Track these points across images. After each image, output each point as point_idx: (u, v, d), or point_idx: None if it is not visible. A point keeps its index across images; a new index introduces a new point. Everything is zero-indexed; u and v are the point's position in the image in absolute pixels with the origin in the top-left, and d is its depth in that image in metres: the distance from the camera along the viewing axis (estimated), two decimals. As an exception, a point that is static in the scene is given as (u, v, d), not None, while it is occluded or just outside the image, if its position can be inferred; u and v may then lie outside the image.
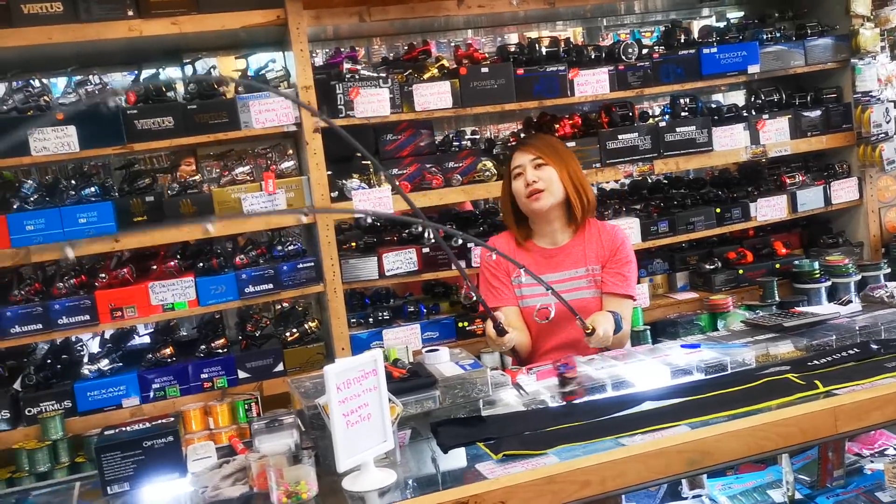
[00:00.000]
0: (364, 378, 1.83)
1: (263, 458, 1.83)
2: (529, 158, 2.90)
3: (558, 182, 2.88)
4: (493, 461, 1.83)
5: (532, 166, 2.89)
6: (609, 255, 2.91)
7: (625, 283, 2.88)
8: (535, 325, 2.88)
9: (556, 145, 3.00)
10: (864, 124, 4.25)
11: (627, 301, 2.89)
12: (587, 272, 2.91)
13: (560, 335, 2.86)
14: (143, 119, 3.35)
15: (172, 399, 3.46)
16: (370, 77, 3.69)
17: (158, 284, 3.40)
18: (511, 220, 3.02)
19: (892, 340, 2.24)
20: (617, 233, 2.98)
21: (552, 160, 2.89)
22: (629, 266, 2.92)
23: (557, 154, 2.93)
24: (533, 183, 2.86)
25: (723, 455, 1.78)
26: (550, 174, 2.87)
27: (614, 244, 2.93)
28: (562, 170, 2.89)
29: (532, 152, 2.91)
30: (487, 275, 3.01)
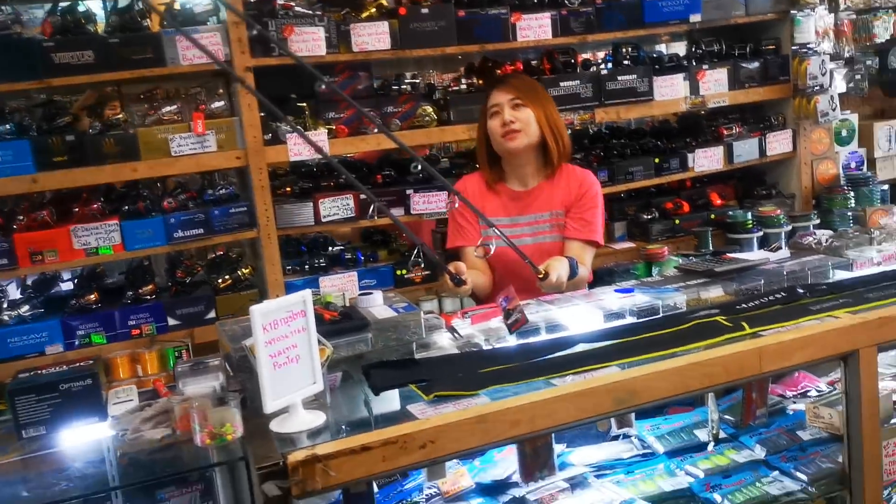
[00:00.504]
0: (292, 319, 1.78)
1: (187, 400, 1.77)
2: (508, 98, 2.83)
3: (535, 124, 2.83)
4: (425, 402, 1.80)
5: (510, 106, 2.82)
6: (574, 199, 2.88)
7: (587, 228, 2.86)
8: (500, 266, 2.86)
9: (536, 87, 2.95)
10: (801, 76, 4.30)
11: (589, 246, 2.87)
12: (551, 216, 2.89)
13: (519, 277, 2.84)
14: (61, 52, 3.18)
15: (98, 346, 3.36)
16: (305, 14, 3.57)
17: (81, 228, 3.27)
18: (484, 159, 2.97)
19: (818, 285, 2.28)
20: (586, 177, 2.93)
21: (530, 101, 2.83)
22: (593, 211, 2.89)
23: (536, 96, 2.87)
24: (510, 123, 2.80)
25: (649, 394, 1.79)
26: (528, 115, 2.82)
27: (580, 189, 2.89)
28: (539, 112, 2.84)
29: (511, 92, 2.84)
30: (456, 215, 2.98)
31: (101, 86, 3.50)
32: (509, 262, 2.81)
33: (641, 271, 4.00)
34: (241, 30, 3.40)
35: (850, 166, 4.70)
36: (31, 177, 3.19)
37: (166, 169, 3.43)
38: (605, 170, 4.12)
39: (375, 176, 3.97)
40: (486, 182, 2.97)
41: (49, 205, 3.37)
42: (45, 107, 3.34)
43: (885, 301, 2.04)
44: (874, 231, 2.62)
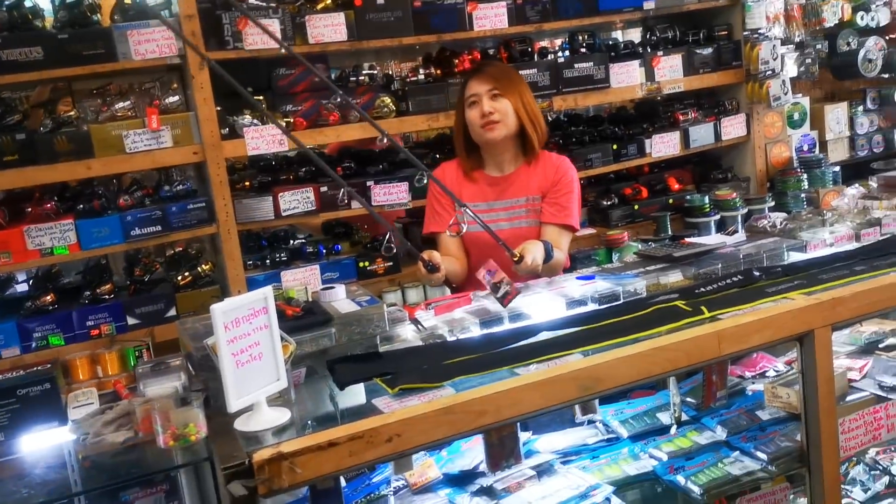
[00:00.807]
0: (254, 316, 1.76)
1: (148, 402, 1.75)
2: (486, 88, 2.84)
3: (513, 114, 2.85)
4: (390, 395, 1.80)
5: (488, 97, 2.83)
6: (551, 184, 2.91)
7: (562, 213, 2.88)
8: (475, 251, 2.88)
9: (513, 75, 2.95)
10: (753, 61, 4.36)
11: (565, 231, 2.90)
12: (526, 202, 2.91)
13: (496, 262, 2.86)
14: (8, 49, 3.10)
15: (56, 348, 3.30)
16: (259, 6, 3.53)
17: (34, 228, 3.20)
18: (462, 147, 2.98)
19: (773, 267, 2.32)
20: (562, 163, 2.97)
21: (508, 91, 2.84)
22: (569, 196, 2.91)
23: (514, 85, 2.88)
24: (489, 114, 2.82)
25: (613, 380, 1.81)
26: (506, 106, 2.83)
27: (556, 175, 2.92)
28: (517, 101, 2.85)
29: (489, 82, 2.85)
30: (433, 201, 3.01)
31: (52, 82, 3.43)
32: (485, 247, 2.83)
33: (602, 257, 4.03)
34: (194, 23, 3.35)
35: (802, 149, 4.79)
36: (-20, 177, 3.12)
37: (121, 166, 3.37)
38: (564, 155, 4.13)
39: (336, 168, 3.94)
40: (463, 169, 2.98)
41: (0, 205, 3.30)
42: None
43: (838, 282, 2.08)
44: (826, 213, 2.68)
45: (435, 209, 3.00)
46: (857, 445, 2.07)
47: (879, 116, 5.10)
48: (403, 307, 2.48)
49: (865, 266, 2.18)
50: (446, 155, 4.18)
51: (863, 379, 2.29)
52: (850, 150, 4.99)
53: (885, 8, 4.86)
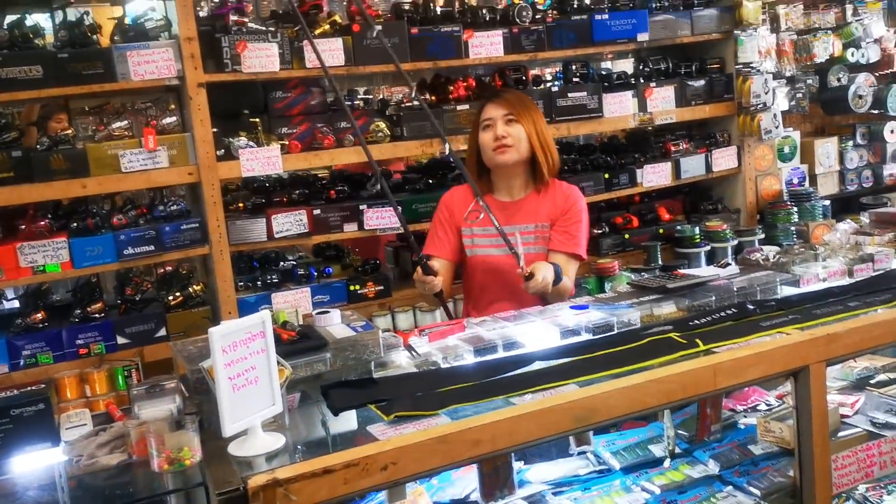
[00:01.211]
0: (251, 340, 1.76)
1: (143, 425, 1.74)
2: (502, 113, 2.90)
3: (526, 140, 2.89)
4: (385, 423, 1.80)
5: (503, 121, 2.89)
6: (560, 213, 2.95)
7: (571, 242, 2.92)
8: (483, 273, 2.93)
9: (528, 103, 3.00)
10: (745, 95, 4.41)
11: (573, 259, 2.93)
12: (535, 228, 2.94)
13: (503, 285, 2.90)
14: (8, 67, 3.10)
15: (45, 366, 3.27)
16: (258, 30, 3.55)
17: (28, 245, 3.19)
18: (474, 171, 3.01)
19: (767, 301, 2.34)
20: (571, 192, 3.01)
21: (523, 118, 2.90)
22: (578, 225, 2.95)
23: (528, 112, 2.93)
24: (502, 138, 2.87)
25: (608, 412, 1.82)
26: (520, 132, 2.88)
27: (566, 203, 2.96)
28: (531, 128, 2.90)
29: (505, 107, 2.90)
30: (437, 223, 3.06)
31: (50, 101, 3.43)
32: (494, 270, 2.90)
33: (593, 285, 4.05)
34: (194, 45, 3.37)
35: (792, 182, 4.83)
36: (-25, 193, 3.11)
37: (116, 185, 3.37)
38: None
39: (329, 191, 3.95)
40: (473, 192, 2.99)
41: (-7, 221, 3.29)
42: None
43: (833, 317, 2.10)
44: (819, 247, 2.70)
45: (437, 233, 3.04)
46: (849, 482, 2.08)
47: (868, 152, 5.16)
48: (396, 332, 2.49)
49: (859, 302, 2.20)
50: (438, 180, 4.21)
51: (855, 415, 2.30)
52: (839, 184, 5.05)
53: (875, 45, 4.93)
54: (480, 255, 2.95)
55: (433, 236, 3.06)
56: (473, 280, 3.01)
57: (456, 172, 4.25)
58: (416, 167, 4.68)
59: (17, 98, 3.22)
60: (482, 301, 2.97)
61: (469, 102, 3.99)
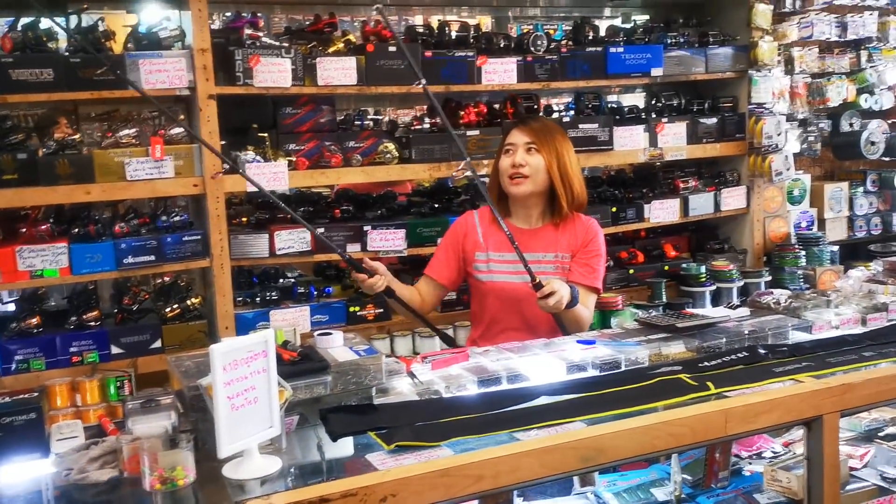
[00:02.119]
0: (253, 359, 1.71)
1: (136, 441, 1.69)
2: (524, 140, 2.84)
3: (544, 172, 2.82)
4: (385, 452, 1.75)
5: (524, 149, 2.83)
6: (581, 245, 2.90)
7: (591, 275, 2.87)
8: (498, 301, 2.88)
9: (556, 134, 2.91)
10: (757, 135, 4.39)
11: (592, 293, 2.89)
12: (555, 258, 2.89)
13: (518, 314, 2.86)
14: (20, 69, 3.08)
15: (37, 372, 3.22)
16: (272, 45, 3.53)
17: (27, 249, 3.14)
18: (495, 194, 2.95)
19: (779, 346, 2.30)
20: (591, 225, 2.95)
21: (545, 149, 2.82)
22: (598, 259, 2.91)
23: (553, 143, 2.85)
24: (519, 167, 2.81)
25: (616, 453, 1.77)
26: (538, 163, 2.82)
27: (587, 236, 2.91)
28: (552, 161, 2.82)
29: (529, 135, 2.84)
30: (444, 244, 3.02)
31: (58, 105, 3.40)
32: (509, 298, 2.85)
33: (596, 319, 3.99)
34: (207, 57, 3.35)
35: (801, 225, 4.81)
36: (-22, 194, 3.07)
37: (121, 193, 3.33)
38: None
39: (334, 210, 3.91)
40: (492, 216, 2.94)
41: (-6, 224, 3.24)
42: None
43: (847, 367, 2.06)
44: (831, 294, 2.66)
45: (440, 255, 3.00)
46: (858, 537, 2.02)
47: (879, 199, 5.15)
48: (399, 359, 2.44)
49: (874, 352, 2.16)
50: (444, 204, 4.18)
51: (864, 468, 2.25)
52: (848, 230, 5.02)
53: (888, 92, 4.93)
54: (495, 281, 2.89)
55: (437, 258, 3.02)
56: (485, 307, 2.94)
57: (462, 198, 4.23)
58: (422, 191, 4.65)
59: (27, 100, 3.19)
60: (494, 329, 2.91)
61: (479, 128, 3.97)
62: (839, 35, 4.72)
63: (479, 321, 3.00)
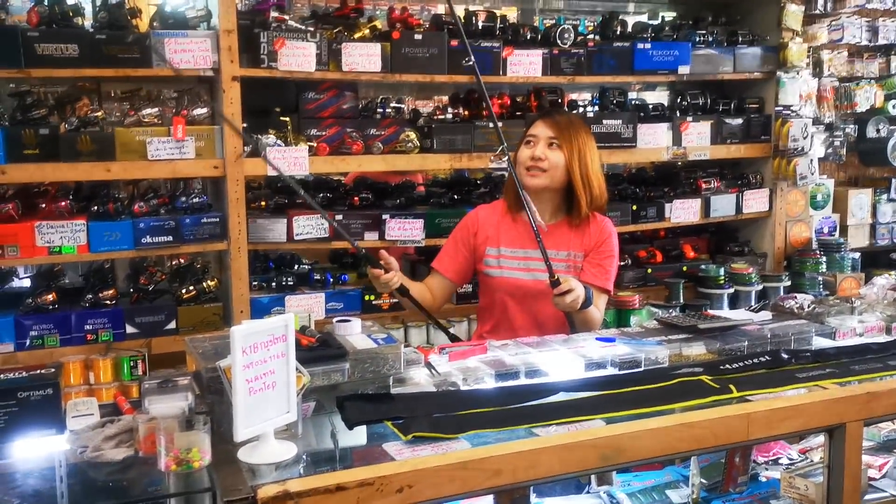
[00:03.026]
0: (272, 343, 1.70)
1: (153, 421, 1.68)
2: (547, 134, 2.78)
3: (563, 169, 2.76)
4: (402, 442, 1.73)
5: (545, 143, 2.77)
6: (594, 245, 2.85)
7: (603, 276, 2.83)
8: (511, 299, 2.84)
9: (580, 130, 2.83)
10: (783, 138, 4.34)
11: (603, 294, 2.85)
12: (568, 256, 2.84)
13: (531, 313, 2.82)
14: (45, 43, 3.07)
15: (51, 349, 3.23)
16: (298, 29, 3.51)
17: (46, 225, 3.14)
18: (512, 184, 2.87)
19: (802, 351, 2.26)
20: (606, 225, 2.90)
21: (567, 146, 2.76)
22: (611, 260, 2.87)
23: (576, 141, 2.78)
24: (538, 160, 2.76)
25: (636, 453, 1.74)
26: (558, 159, 2.76)
27: (601, 236, 2.86)
28: (573, 159, 2.76)
29: (552, 129, 2.78)
30: (454, 239, 2.96)
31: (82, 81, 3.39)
32: (520, 295, 2.82)
33: (612, 318, 3.97)
34: (232, 38, 3.33)
35: (822, 231, 4.76)
36: (0, 168, 3.06)
37: (141, 172, 3.32)
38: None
39: (353, 198, 3.89)
40: (508, 209, 2.91)
41: (15, 198, 3.23)
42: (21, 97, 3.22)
43: (872, 374, 2.03)
44: (855, 300, 2.63)
45: (449, 250, 2.96)
46: (878, 548, 1.99)
47: (902, 207, 5.09)
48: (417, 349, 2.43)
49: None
50: (463, 196, 4.15)
51: (882, 478, 2.21)
52: (870, 237, 4.96)
53: (918, 99, 4.87)
54: (507, 277, 2.86)
55: (445, 251, 2.97)
56: (494, 303, 2.90)
57: (481, 190, 4.20)
58: (441, 182, 4.62)
59: (51, 76, 3.18)
60: (502, 325, 2.88)
61: (503, 120, 3.93)
62: (869, 39, 4.66)
63: (487, 317, 2.96)
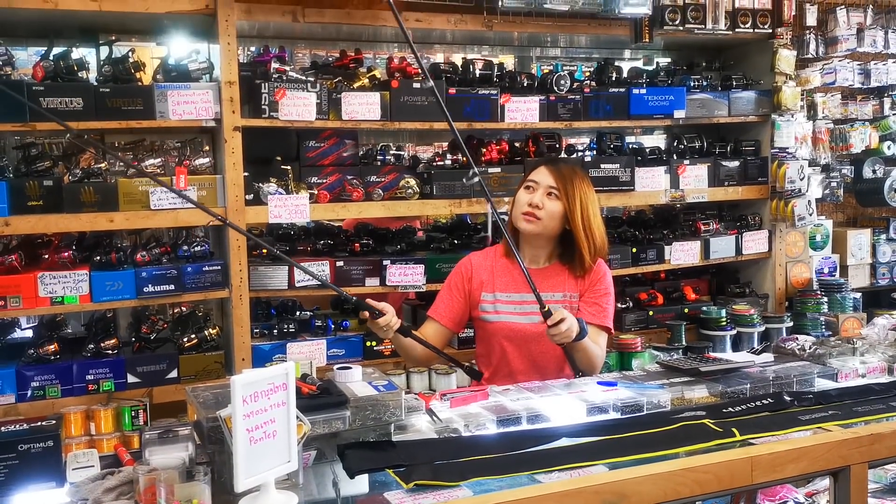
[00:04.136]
0: (273, 392, 1.70)
1: (153, 472, 1.67)
2: (548, 182, 2.79)
3: (559, 220, 2.78)
4: (403, 490, 1.72)
5: (545, 191, 2.79)
6: (589, 285, 2.86)
7: (601, 314, 2.83)
8: (500, 343, 2.84)
9: (580, 181, 2.83)
10: (780, 179, 4.37)
11: (602, 332, 2.85)
12: (563, 297, 2.83)
13: (527, 356, 2.81)
14: (50, 97, 3.12)
15: (52, 399, 3.22)
16: (298, 80, 3.56)
17: (49, 275, 3.15)
18: (510, 226, 2.90)
19: (805, 393, 2.26)
20: (599, 265, 2.90)
21: (566, 198, 2.77)
22: (607, 298, 2.87)
23: (575, 193, 2.78)
24: (535, 207, 2.77)
25: (639, 498, 1.73)
26: (555, 209, 2.77)
27: (595, 275, 2.87)
28: (575, 211, 2.77)
29: (554, 178, 2.79)
30: (449, 286, 2.95)
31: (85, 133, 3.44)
32: (517, 339, 2.81)
33: (614, 361, 3.96)
34: (234, 89, 3.38)
35: (823, 271, 4.76)
36: (4, 220, 3.08)
37: (144, 222, 3.35)
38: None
39: (353, 244, 3.92)
40: (503, 253, 2.92)
41: (18, 249, 3.26)
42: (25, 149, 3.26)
43: (875, 416, 2.02)
44: (857, 341, 2.63)
45: (444, 297, 2.95)
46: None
47: (902, 246, 5.11)
48: (418, 395, 2.42)
49: (903, 402, 2.12)
50: (463, 241, 4.17)
51: (890, 520, 2.20)
52: (870, 277, 4.97)
53: (913, 139, 4.92)
54: (504, 321, 2.85)
55: (440, 299, 2.95)
56: (492, 348, 2.90)
57: (482, 234, 4.22)
58: (441, 226, 4.65)
59: (56, 129, 3.22)
60: (501, 371, 2.88)
61: (501, 166, 3.97)
62: (862, 82, 4.72)
63: (486, 363, 2.96)
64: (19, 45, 3.69)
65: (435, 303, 2.97)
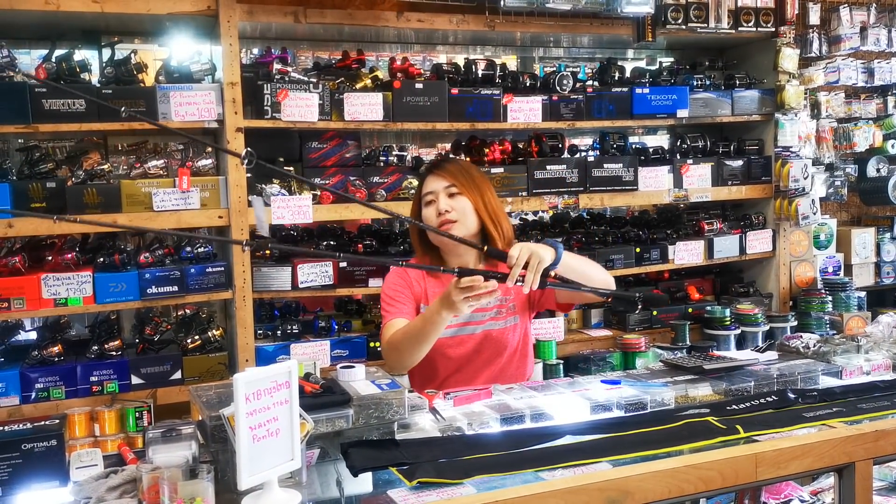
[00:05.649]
0: (276, 390, 1.70)
1: (157, 470, 1.67)
2: (443, 185, 2.63)
3: (472, 213, 2.61)
4: (407, 488, 1.72)
5: (445, 195, 2.62)
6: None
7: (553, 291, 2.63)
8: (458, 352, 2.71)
9: (472, 172, 2.70)
10: (783, 178, 4.37)
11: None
12: (499, 301, 2.68)
13: (486, 365, 2.70)
14: (52, 99, 3.13)
15: (56, 401, 3.22)
16: (301, 80, 3.57)
17: (52, 277, 3.16)
18: (419, 247, 2.73)
19: (809, 390, 2.25)
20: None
21: (466, 189, 2.62)
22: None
23: (472, 182, 2.65)
24: (445, 213, 2.59)
25: (643, 495, 1.72)
26: (464, 205, 2.61)
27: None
28: (477, 200, 2.62)
29: (446, 179, 2.63)
30: (398, 289, 2.72)
31: (89, 135, 3.45)
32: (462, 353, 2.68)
33: (618, 360, 3.96)
34: (236, 90, 3.39)
35: (827, 270, 4.75)
36: (7, 221, 3.09)
37: (146, 223, 3.35)
38: (585, 255, 4.10)
39: (357, 245, 3.92)
40: (426, 274, 2.73)
41: (22, 251, 3.26)
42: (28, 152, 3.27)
43: (880, 413, 2.01)
44: (861, 339, 2.62)
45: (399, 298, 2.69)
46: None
47: (906, 245, 5.10)
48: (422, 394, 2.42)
49: (907, 399, 2.11)
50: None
51: (895, 518, 2.19)
52: (875, 276, 4.95)
53: (916, 139, 4.91)
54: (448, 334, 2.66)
55: (395, 300, 2.68)
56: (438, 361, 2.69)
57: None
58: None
59: (59, 130, 3.23)
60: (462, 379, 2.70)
61: (504, 166, 3.98)
62: (866, 81, 4.71)
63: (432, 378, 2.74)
64: (22, 48, 3.70)
65: (391, 308, 2.69)
